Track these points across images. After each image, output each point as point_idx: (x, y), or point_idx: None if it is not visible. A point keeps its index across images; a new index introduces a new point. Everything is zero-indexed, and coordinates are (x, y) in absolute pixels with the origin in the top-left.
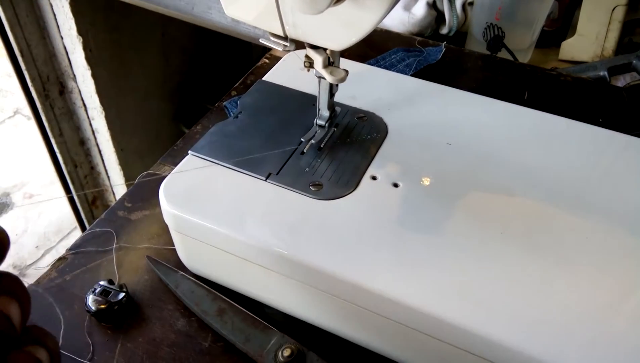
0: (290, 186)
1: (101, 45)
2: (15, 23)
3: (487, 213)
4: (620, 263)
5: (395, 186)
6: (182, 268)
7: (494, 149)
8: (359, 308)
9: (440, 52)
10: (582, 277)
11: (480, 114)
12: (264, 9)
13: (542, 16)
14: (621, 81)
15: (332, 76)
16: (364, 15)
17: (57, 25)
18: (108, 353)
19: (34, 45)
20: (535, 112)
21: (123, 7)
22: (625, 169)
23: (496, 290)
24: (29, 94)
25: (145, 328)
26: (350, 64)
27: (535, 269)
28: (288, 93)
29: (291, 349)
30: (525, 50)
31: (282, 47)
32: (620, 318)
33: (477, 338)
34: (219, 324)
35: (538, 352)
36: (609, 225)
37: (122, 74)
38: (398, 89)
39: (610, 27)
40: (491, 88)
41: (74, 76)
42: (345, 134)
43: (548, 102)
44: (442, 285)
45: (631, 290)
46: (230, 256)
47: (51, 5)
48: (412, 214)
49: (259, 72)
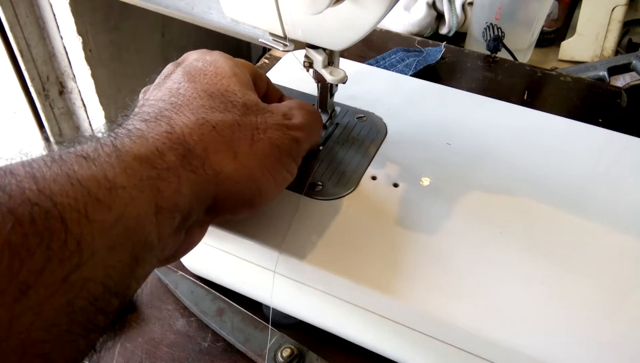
0: (290, 186)
1: (101, 45)
2: (15, 23)
3: (486, 213)
4: (620, 262)
5: (395, 186)
6: (182, 268)
7: (494, 149)
8: (358, 308)
9: (440, 52)
10: (582, 277)
11: (480, 114)
12: (264, 9)
13: (542, 16)
14: (621, 81)
15: (332, 76)
16: (364, 15)
17: (57, 25)
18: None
19: (34, 45)
20: (535, 112)
21: (123, 7)
22: (625, 169)
23: (496, 290)
24: (29, 94)
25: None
26: (350, 64)
27: (535, 269)
28: (288, 93)
29: (291, 349)
30: (525, 50)
31: (282, 47)
32: (621, 318)
33: (476, 338)
34: (218, 324)
35: (538, 352)
36: (608, 225)
37: (122, 73)
38: (398, 89)
39: (610, 27)
40: (491, 88)
41: (74, 76)
42: (345, 134)
43: (548, 102)
44: (441, 285)
45: (631, 290)
46: (229, 257)
47: (51, 5)
48: (411, 214)
49: None
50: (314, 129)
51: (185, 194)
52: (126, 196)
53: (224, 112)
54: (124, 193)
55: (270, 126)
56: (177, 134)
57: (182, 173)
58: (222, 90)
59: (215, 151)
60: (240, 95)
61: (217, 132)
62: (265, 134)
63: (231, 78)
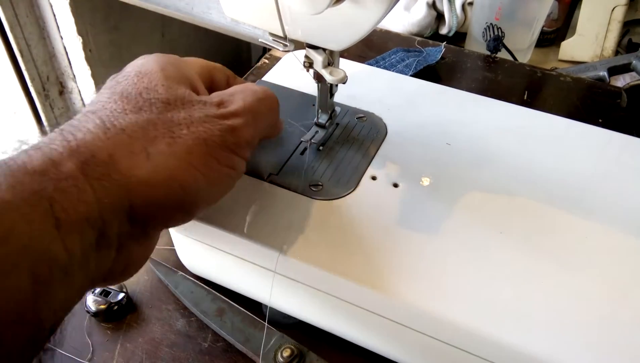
0: (290, 186)
1: (101, 45)
2: (15, 23)
3: (486, 213)
4: (620, 262)
5: (395, 186)
6: (182, 268)
7: (494, 149)
8: (358, 309)
9: (440, 53)
10: (582, 276)
11: (480, 114)
12: (264, 9)
13: (542, 16)
14: (621, 81)
15: (332, 77)
16: (364, 15)
17: (57, 25)
18: (108, 354)
19: (34, 45)
20: (535, 112)
21: (123, 7)
22: (625, 169)
23: (496, 290)
24: (29, 94)
25: (145, 328)
26: (350, 64)
27: (535, 269)
28: (288, 93)
29: (291, 349)
30: (525, 50)
31: (282, 48)
32: (621, 318)
33: (476, 337)
34: (218, 324)
35: (538, 352)
36: (609, 225)
37: None
38: (398, 89)
39: (610, 27)
40: (491, 88)
41: (74, 76)
42: (345, 134)
43: (548, 102)
44: (442, 285)
45: (632, 290)
46: (229, 257)
47: (51, 6)
48: (411, 214)
49: (258, 73)
50: (260, 112)
51: (91, 204)
52: (13, 212)
53: (137, 113)
54: (10, 209)
55: (196, 119)
56: (77, 141)
57: (84, 181)
58: (141, 89)
59: (123, 156)
60: (162, 91)
61: (127, 135)
62: (190, 129)
63: (155, 75)
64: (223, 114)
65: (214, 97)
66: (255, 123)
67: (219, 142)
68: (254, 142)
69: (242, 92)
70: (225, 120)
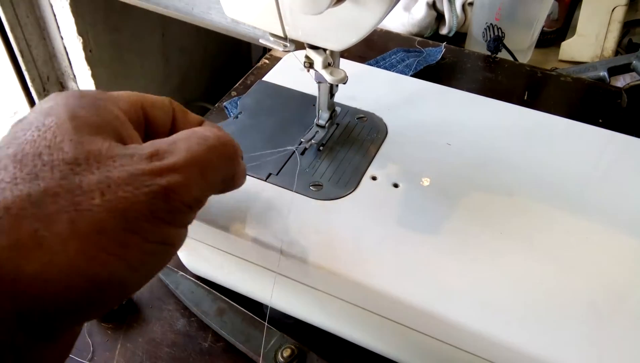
0: (290, 186)
1: (101, 45)
2: (16, 24)
3: (487, 213)
4: (620, 262)
5: (395, 187)
6: (182, 268)
7: (494, 149)
8: (358, 308)
9: (440, 53)
10: (582, 276)
11: (480, 114)
12: (264, 9)
13: (542, 16)
14: (621, 81)
15: (332, 77)
16: (364, 15)
17: (57, 25)
18: (108, 354)
19: (34, 45)
20: (535, 112)
21: (123, 7)
22: (625, 169)
23: (496, 290)
24: (29, 94)
25: (145, 328)
26: (350, 65)
27: (535, 269)
28: (288, 93)
29: (291, 349)
30: (525, 50)
31: (282, 48)
32: (621, 318)
33: (476, 337)
34: (218, 324)
35: (538, 352)
36: (609, 225)
37: (122, 74)
38: (398, 89)
39: (610, 28)
40: (491, 88)
41: (74, 76)
42: (345, 135)
43: (548, 102)
44: (442, 285)
45: (632, 290)
46: (230, 257)
47: (51, 6)
48: (412, 215)
49: (259, 73)
50: (210, 165)
51: None
52: None
53: (31, 181)
54: None
55: (115, 182)
56: None
57: None
58: (41, 148)
59: (5, 246)
60: (68, 148)
61: (12, 216)
62: (104, 197)
63: (61, 127)
64: (155, 169)
65: (146, 147)
66: (204, 179)
67: (145, 211)
68: (200, 203)
69: (187, 139)
70: (157, 178)
